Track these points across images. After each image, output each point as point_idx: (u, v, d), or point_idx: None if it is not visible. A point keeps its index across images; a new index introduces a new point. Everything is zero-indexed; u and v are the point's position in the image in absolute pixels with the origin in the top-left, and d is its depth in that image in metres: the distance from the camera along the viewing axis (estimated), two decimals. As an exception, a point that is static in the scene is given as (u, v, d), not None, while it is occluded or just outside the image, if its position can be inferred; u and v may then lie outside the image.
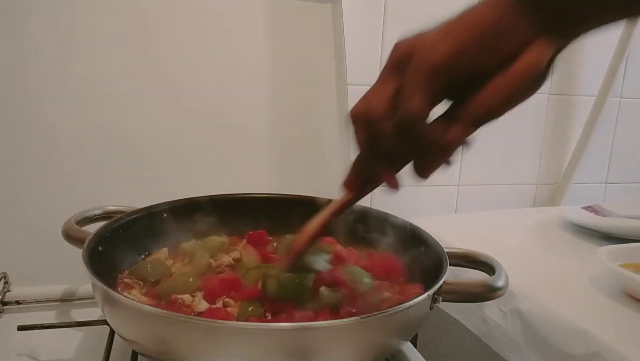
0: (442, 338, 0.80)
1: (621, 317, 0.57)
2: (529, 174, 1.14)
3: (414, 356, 0.51)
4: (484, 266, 0.53)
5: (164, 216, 0.62)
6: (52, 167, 0.72)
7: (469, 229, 0.87)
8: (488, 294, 0.48)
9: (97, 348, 0.51)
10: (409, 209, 1.01)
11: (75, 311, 0.65)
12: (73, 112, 0.73)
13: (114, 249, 0.55)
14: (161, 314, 0.39)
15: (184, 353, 0.39)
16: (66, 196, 0.72)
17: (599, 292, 0.62)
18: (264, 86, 0.82)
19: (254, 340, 0.38)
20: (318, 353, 0.39)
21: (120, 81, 0.75)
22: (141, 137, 0.76)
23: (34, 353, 0.55)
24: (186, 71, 0.78)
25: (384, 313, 0.40)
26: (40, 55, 0.71)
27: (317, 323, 0.40)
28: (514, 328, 0.61)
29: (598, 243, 0.80)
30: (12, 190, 0.71)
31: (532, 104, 1.10)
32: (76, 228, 0.55)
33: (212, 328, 0.38)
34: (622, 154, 1.19)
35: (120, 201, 0.63)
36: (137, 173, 0.76)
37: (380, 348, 0.44)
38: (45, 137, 0.72)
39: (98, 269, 0.45)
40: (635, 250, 0.67)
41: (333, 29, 0.85)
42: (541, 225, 0.90)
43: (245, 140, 0.83)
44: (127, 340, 0.44)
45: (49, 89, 0.72)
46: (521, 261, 0.71)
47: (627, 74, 1.13)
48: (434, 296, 0.45)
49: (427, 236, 0.57)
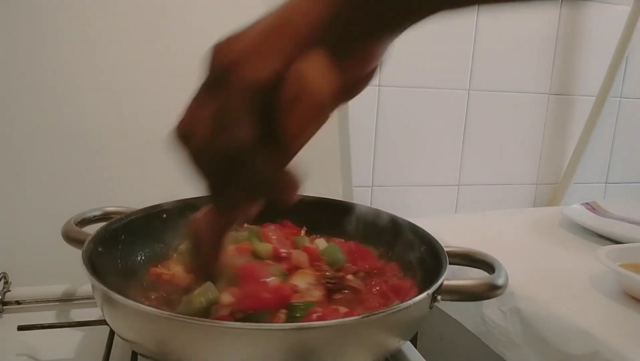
0: (442, 338, 0.80)
1: (621, 317, 0.57)
2: (529, 174, 1.14)
3: (414, 356, 0.51)
4: (483, 264, 0.53)
5: (163, 216, 0.62)
6: (52, 168, 0.72)
7: (469, 229, 0.87)
8: (488, 293, 0.47)
9: (97, 348, 0.51)
10: (409, 209, 1.02)
11: (75, 311, 0.65)
12: (73, 112, 0.73)
13: (113, 250, 0.55)
14: (161, 314, 0.39)
15: (184, 354, 0.39)
16: (66, 196, 0.72)
17: (599, 292, 0.62)
18: (263, 86, 0.82)
19: (253, 340, 0.38)
20: (318, 353, 0.39)
21: (120, 81, 0.75)
22: (141, 137, 0.76)
23: (34, 353, 0.55)
24: (186, 70, 0.77)
25: (383, 312, 0.40)
26: (39, 55, 0.71)
27: (317, 323, 0.40)
28: (514, 328, 0.61)
29: (598, 242, 0.80)
30: (12, 190, 0.70)
31: (532, 104, 1.10)
32: (76, 229, 0.55)
33: (212, 328, 0.38)
34: (622, 154, 1.19)
35: (120, 201, 0.63)
36: (137, 174, 0.76)
37: (380, 348, 0.44)
38: (44, 137, 0.72)
39: (97, 270, 0.45)
40: (635, 250, 0.67)
41: (333, 29, 0.85)
42: (541, 225, 0.90)
43: (245, 140, 0.82)
44: (127, 341, 0.44)
45: (48, 89, 0.72)
46: (521, 261, 0.71)
47: (627, 74, 1.13)
48: (434, 295, 0.45)
49: (427, 235, 0.57)
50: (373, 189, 1.02)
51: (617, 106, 1.16)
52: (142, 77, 0.76)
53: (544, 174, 1.15)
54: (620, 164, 1.20)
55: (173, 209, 0.63)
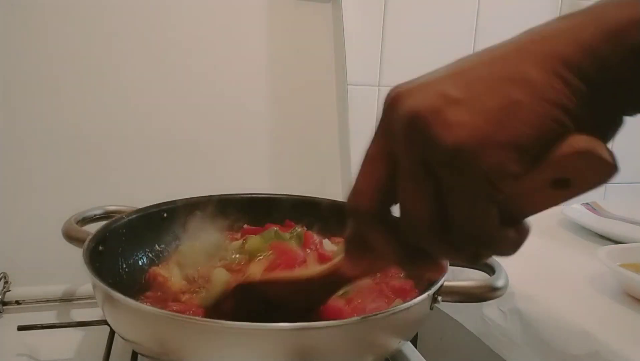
0: (442, 338, 0.80)
1: (621, 317, 0.57)
2: (529, 174, 1.14)
3: (414, 356, 0.51)
4: (484, 266, 0.53)
5: (164, 215, 0.62)
6: (52, 167, 0.72)
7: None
8: (488, 295, 0.48)
9: (97, 348, 0.51)
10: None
11: (75, 311, 0.65)
12: (73, 112, 0.73)
13: (114, 249, 0.55)
14: (161, 314, 0.39)
15: (184, 353, 0.39)
16: (66, 196, 0.72)
17: (599, 292, 0.62)
18: (263, 86, 0.82)
19: (254, 340, 0.38)
20: (318, 353, 0.39)
21: (120, 81, 0.75)
22: (141, 137, 0.76)
23: (34, 353, 0.55)
24: (186, 70, 0.77)
25: (384, 313, 0.40)
26: (40, 55, 0.71)
27: (317, 323, 0.40)
28: (514, 328, 0.61)
29: (598, 242, 0.80)
30: (12, 190, 0.70)
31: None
32: (76, 228, 0.55)
33: (212, 328, 0.38)
34: (622, 154, 1.18)
35: (120, 201, 0.63)
36: (137, 173, 0.76)
37: (380, 348, 0.44)
38: (45, 137, 0.72)
39: (98, 268, 0.45)
40: (635, 250, 0.67)
41: (333, 29, 0.85)
42: (541, 225, 0.89)
43: (245, 140, 0.83)
44: (127, 340, 0.44)
45: (48, 89, 0.72)
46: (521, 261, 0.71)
47: (627, 74, 1.13)
48: (434, 296, 0.45)
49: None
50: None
51: (617, 106, 1.15)
52: (142, 78, 0.76)
53: (544, 174, 1.15)
54: (620, 164, 1.20)
55: (173, 208, 0.63)
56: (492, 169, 0.23)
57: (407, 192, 0.27)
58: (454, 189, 0.25)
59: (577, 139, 0.24)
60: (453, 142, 0.23)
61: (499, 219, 0.25)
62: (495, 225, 0.25)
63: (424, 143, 0.24)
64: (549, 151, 0.24)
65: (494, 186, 0.24)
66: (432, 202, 0.26)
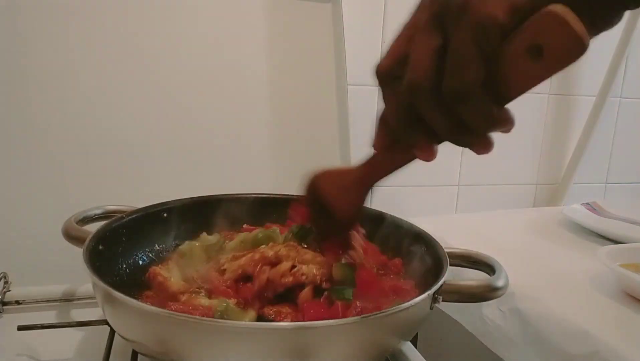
0: (442, 338, 0.80)
1: (621, 317, 0.57)
2: (529, 174, 1.14)
3: (414, 356, 0.51)
4: (484, 266, 0.53)
5: (164, 215, 0.62)
6: (52, 167, 0.72)
7: (469, 229, 0.87)
8: (488, 295, 0.47)
9: (97, 348, 0.51)
10: (409, 209, 1.02)
11: (75, 311, 0.65)
12: (73, 112, 0.73)
13: (114, 248, 0.55)
14: (161, 313, 0.39)
15: (184, 353, 0.39)
16: (66, 195, 0.72)
17: (599, 292, 0.62)
18: (263, 86, 0.82)
19: (254, 339, 0.38)
20: (318, 353, 0.39)
21: (120, 82, 0.75)
22: (141, 137, 0.76)
23: (34, 353, 0.55)
24: (186, 71, 0.77)
25: (384, 313, 0.40)
26: (39, 55, 0.71)
27: (317, 323, 0.40)
28: (513, 328, 0.61)
29: (598, 242, 0.80)
30: (12, 190, 0.70)
31: (532, 104, 1.10)
32: (76, 227, 0.55)
33: (212, 328, 0.38)
34: (622, 154, 1.19)
35: (120, 200, 0.63)
36: (137, 173, 0.76)
37: (380, 348, 0.44)
38: (45, 137, 0.72)
39: (98, 268, 0.45)
40: (635, 250, 0.67)
41: (333, 29, 0.85)
42: (541, 225, 0.90)
43: (245, 140, 0.83)
44: (128, 340, 0.44)
45: (48, 89, 0.72)
46: (521, 261, 0.71)
47: (627, 74, 1.13)
48: (434, 296, 0.45)
49: (427, 236, 0.57)
50: (373, 189, 1.02)
51: (617, 106, 1.16)
52: (142, 78, 0.76)
53: (544, 174, 1.15)
54: (620, 164, 1.20)
55: (174, 208, 0.63)
56: (487, 16, 0.28)
57: (417, 44, 0.31)
58: (453, 40, 0.29)
59: (554, 5, 0.28)
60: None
61: (485, 92, 0.30)
62: (478, 85, 0.29)
63: (439, 6, 0.30)
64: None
65: (485, 36, 0.28)
66: (435, 56, 0.30)
